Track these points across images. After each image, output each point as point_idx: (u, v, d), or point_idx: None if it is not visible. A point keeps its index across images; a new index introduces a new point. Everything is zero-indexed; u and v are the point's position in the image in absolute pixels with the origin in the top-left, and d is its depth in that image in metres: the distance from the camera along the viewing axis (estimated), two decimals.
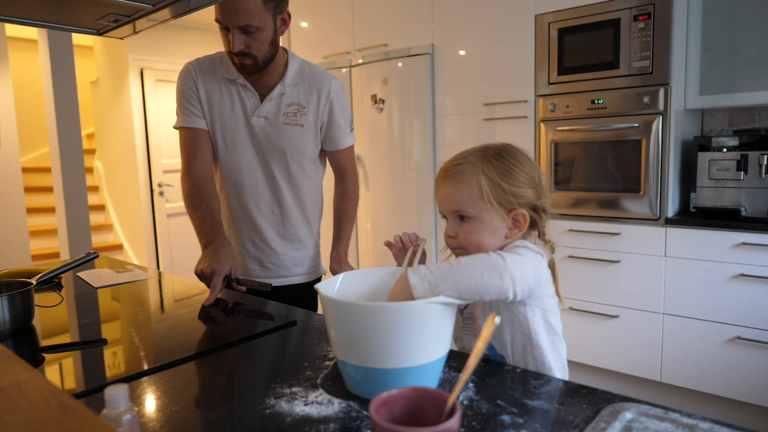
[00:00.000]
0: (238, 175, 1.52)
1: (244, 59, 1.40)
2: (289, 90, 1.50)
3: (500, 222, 0.92)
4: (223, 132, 1.50)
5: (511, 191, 0.91)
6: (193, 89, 1.49)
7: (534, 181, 0.94)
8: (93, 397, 0.83)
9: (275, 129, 1.49)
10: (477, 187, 0.91)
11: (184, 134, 1.51)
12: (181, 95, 1.51)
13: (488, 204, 0.91)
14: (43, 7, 1.32)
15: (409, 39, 3.21)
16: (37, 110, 5.31)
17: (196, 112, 1.49)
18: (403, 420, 0.62)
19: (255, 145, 1.50)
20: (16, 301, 1.13)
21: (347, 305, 0.76)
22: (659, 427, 0.67)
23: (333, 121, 1.55)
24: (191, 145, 1.50)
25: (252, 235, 1.56)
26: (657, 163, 2.45)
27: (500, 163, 0.92)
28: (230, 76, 1.49)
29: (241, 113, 1.49)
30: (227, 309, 1.31)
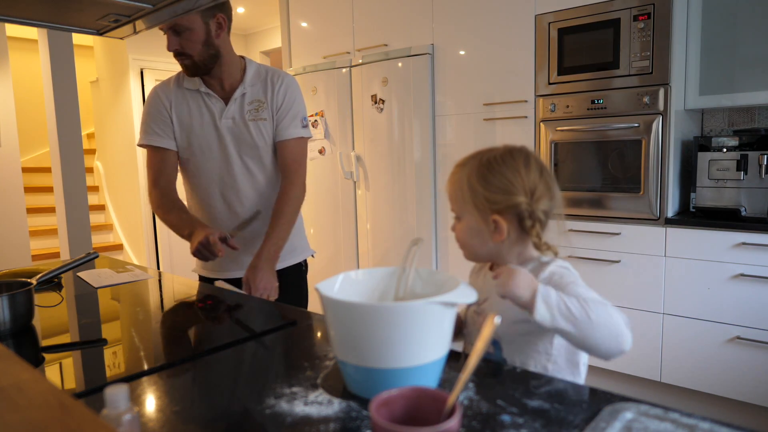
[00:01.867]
0: (219, 175, 1.61)
1: (183, 59, 1.54)
2: (249, 89, 1.62)
3: (481, 225, 0.94)
4: (199, 139, 1.60)
5: (485, 195, 0.93)
6: (161, 112, 1.60)
7: (517, 187, 0.92)
8: (93, 397, 0.83)
9: (242, 127, 1.60)
10: (461, 190, 0.95)
11: (150, 153, 1.63)
12: (148, 116, 1.62)
13: (471, 206, 0.94)
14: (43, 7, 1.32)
15: (409, 39, 3.20)
16: (37, 110, 5.31)
17: (161, 133, 1.60)
18: (403, 420, 0.62)
19: (229, 145, 1.60)
20: (17, 301, 1.13)
21: (347, 305, 0.76)
22: (659, 427, 0.67)
23: (282, 109, 1.63)
24: (158, 164, 1.62)
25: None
26: (657, 163, 2.45)
27: (484, 167, 0.94)
28: (192, 87, 1.60)
29: (209, 119, 1.60)
30: (227, 309, 1.31)
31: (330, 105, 3.55)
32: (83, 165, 3.61)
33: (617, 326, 0.80)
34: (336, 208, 3.60)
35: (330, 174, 3.60)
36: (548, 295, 0.80)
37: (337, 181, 3.58)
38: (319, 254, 3.70)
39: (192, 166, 1.63)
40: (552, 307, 0.78)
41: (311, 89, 3.64)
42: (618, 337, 0.80)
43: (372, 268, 0.96)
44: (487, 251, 0.99)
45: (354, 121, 3.45)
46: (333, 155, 3.57)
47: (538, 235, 0.93)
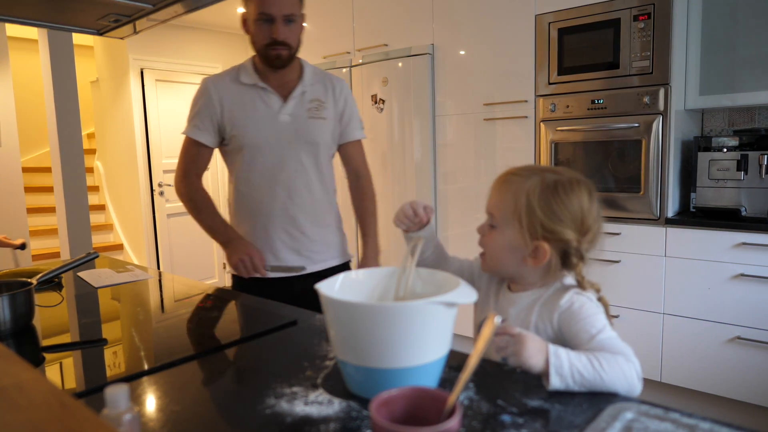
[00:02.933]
0: (272, 170, 1.58)
1: (282, 50, 1.51)
2: (309, 88, 1.61)
3: (521, 244, 0.92)
4: (254, 134, 1.56)
5: (543, 222, 0.90)
6: (209, 106, 1.56)
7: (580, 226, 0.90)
8: (93, 396, 0.83)
9: (302, 123, 1.59)
10: (514, 202, 0.92)
11: (190, 143, 1.60)
12: (196, 108, 1.58)
13: (517, 221, 0.91)
14: (44, 7, 1.32)
15: (409, 39, 3.20)
16: (38, 110, 5.31)
17: (202, 127, 1.57)
18: (403, 420, 0.62)
19: (285, 141, 1.58)
20: (17, 301, 1.13)
21: (348, 305, 0.76)
22: (659, 427, 0.67)
23: (347, 113, 1.69)
24: (192, 157, 1.60)
25: (288, 227, 1.61)
26: (657, 163, 2.45)
27: (549, 192, 0.90)
28: (250, 81, 1.57)
29: (266, 113, 1.57)
30: (227, 309, 1.31)
31: None
32: (83, 165, 3.60)
33: (628, 383, 0.80)
34: None
35: None
36: (560, 365, 0.78)
37: (336, 181, 3.57)
38: None
39: (244, 160, 1.59)
40: (566, 378, 0.78)
41: None
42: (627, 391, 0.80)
43: (372, 268, 0.96)
44: (514, 270, 0.97)
45: None
46: None
47: (581, 273, 0.91)
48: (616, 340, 0.85)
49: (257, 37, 1.52)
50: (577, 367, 0.78)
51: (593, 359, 0.80)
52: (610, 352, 0.82)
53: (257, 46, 1.53)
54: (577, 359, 0.79)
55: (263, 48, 1.52)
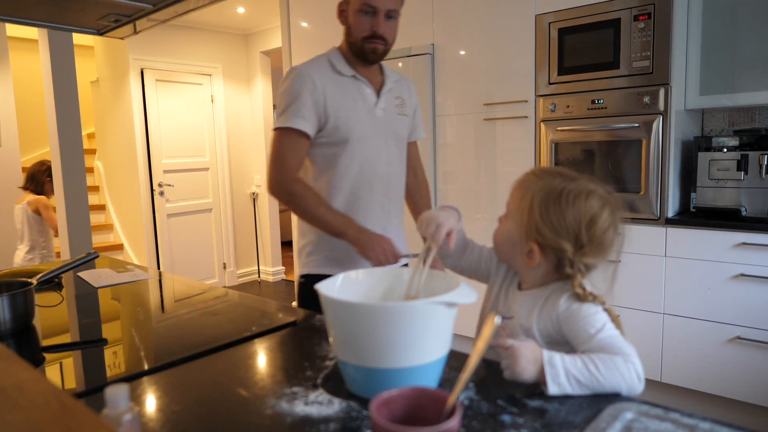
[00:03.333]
0: (372, 163, 1.53)
1: (379, 44, 1.48)
2: (393, 85, 1.60)
3: (519, 241, 0.94)
4: (354, 126, 1.50)
5: (538, 226, 0.90)
6: (314, 94, 1.46)
7: (570, 234, 0.89)
8: (93, 396, 0.83)
9: (393, 119, 1.58)
10: (520, 199, 0.93)
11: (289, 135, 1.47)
12: (295, 96, 1.46)
13: (519, 218, 0.93)
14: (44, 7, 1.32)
15: (409, 39, 3.20)
16: (38, 110, 5.31)
17: (309, 117, 1.46)
18: (403, 420, 0.62)
19: (381, 135, 1.54)
20: (17, 301, 1.13)
21: (348, 305, 0.76)
22: (659, 427, 0.67)
23: (417, 111, 1.70)
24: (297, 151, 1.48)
25: (384, 224, 1.56)
26: (657, 163, 2.45)
27: (551, 199, 0.90)
28: (348, 72, 1.52)
29: (364, 106, 1.53)
30: (227, 309, 1.31)
31: None
32: (83, 165, 3.60)
33: (627, 383, 0.80)
34: None
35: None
36: (556, 373, 0.78)
37: None
38: None
39: (344, 154, 1.50)
40: (563, 385, 0.78)
41: None
42: (628, 391, 0.80)
43: (372, 268, 0.96)
44: (514, 265, 1.00)
45: None
46: None
47: (580, 286, 0.89)
48: (616, 339, 0.85)
49: (356, 28, 1.47)
50: (573, 374, 0.78)
51: (589, 363, 0.79)
52: (609, 352, 0.82)
53: (354, 38, 1.49)
54: (572, 365, 0.79)
55: (361, 40, 1.47)
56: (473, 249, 1.12)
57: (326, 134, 1.49)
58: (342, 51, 1.55)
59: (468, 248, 1.12)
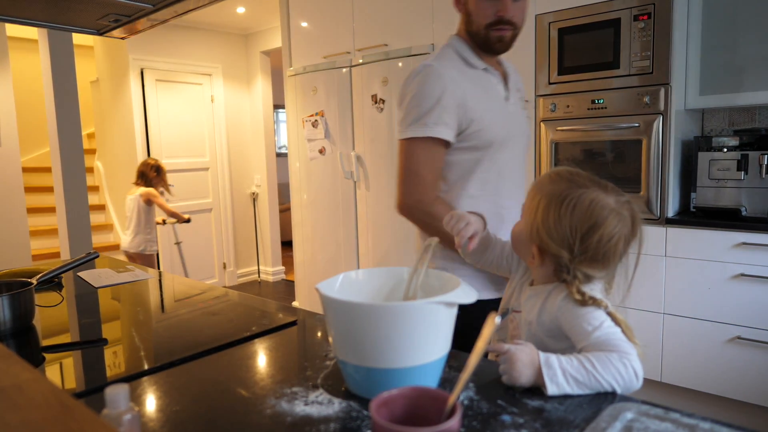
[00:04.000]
0: (512, 170, 1.34)
1: (506, 30, 1.27)
2: (513, 75, 1.40)
3: (527, 241, 0.95)
4: (498, 127, 1.30)
5: (539, 229, 0.91)
6: (454, 96, 1.25)
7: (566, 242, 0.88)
8: (93, 396, 0.83)
9: (521, 115, 1.38)
10: (532, 200, 0.94)
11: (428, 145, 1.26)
12: (434, 100, 1.24)
13: (527, 219, 0.95)
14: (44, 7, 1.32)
15: (409, 39, 3.20)
16: (38, 110, 5.31)
17: (450, 122, 1.25)
18: (403, 420, 0.62)
19: (516, 134, 1.35)
20: (17, 301, 1.13)
21: (348, 305, 0.76)
22: (659, 427, 0.67)
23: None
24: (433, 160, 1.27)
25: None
26: (657, 163, 2.45)
27: (553, 204, 0.89)
28: (478, 65, 1.32)
29: (499, 104, 1.33)
30: (227, 309, 1.31)
31: (330, 105, 3.54)
32: (83, 165, 3.60)
33: (624, 380, 0.80)
34: (336, 208, 3.60)
35: (330, 174, 3.60)
36: (554, 374, 0.78)
37: (337, 181, 3.57)
38: (319, 254, 3.70)
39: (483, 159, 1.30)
40: (562, 385, 0.78)
41: (311, 89, 3.64)
42: (625, 388, 0.80)
43: (372, 268, 0.96)
44: (525, 259, 1.03)
45: (354, 121, 3.45)
46: (333, 155, 3.57)
47: (579, 291, 0.88)
48: (614, 337, 0.85)
49: (478, 14, 1.28)
50: (570, 373, 0.79)
51: (585, 361, 0.80)
52: (606, 349, 0.82)
53: (476, 26, 1.29)
54: (569, 365, 0.79)
55: (484, 27, 1.27)
56: (495, 246, 1.15)
57: (466, 139, 1.27)
58: (465, 40, 1.34)
59: (489, 248, 1.15)
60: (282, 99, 6.61)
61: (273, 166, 5.35)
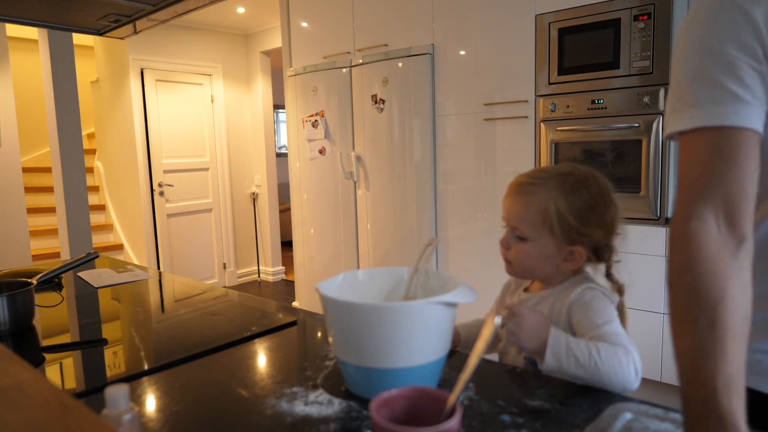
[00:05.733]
0: None
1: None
2: None
3: (556, 251, 0.90)
4: None
5: (578, 229, 0.88)
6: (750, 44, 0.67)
7: (605, 221, 0.90)
8: (93, 396, 0.83)
9: None
10: (542, 214, 0.89)
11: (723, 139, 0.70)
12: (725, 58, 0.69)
13: (548, 231, 0.89)
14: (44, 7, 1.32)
15: (409, 39, 3.20)
16: (38, 110, 5.31)
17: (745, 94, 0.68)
18: (403, 420, 0.62)
19: None
20: (17, 301, 1.13)
21: (348, 305, 0.76)
22: (659, 427, 0.67)
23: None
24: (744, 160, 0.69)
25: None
26: (657, 163, 2.45)
27: (575, 197, 0.88)
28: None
29: None
30: (227, 309, 1.31)
31: (330, 105, 3.55)
32: (83, 165, 3.61)
33: (623, 375, 0.80)
34: (336, 208, 3.60)
35: (330, 174, 3.60)
36: (558, 345, 0.79)
37: (337, 181, 3.58)
38: (319, 254, 3.70)
39: None
40: (561, 360, 0.78)
41: (311, 89, 3.64)
42: (622, 384, 0.80)
43: (373, 268, 0.96)
44: (544, 274, 0.95)
45: (354, 121, 3.45)
46: (333, 155, 3.57)
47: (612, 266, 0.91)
48: (621, 334, 0.85)
49: None
50: (573, 351, 0.79)
51: (592, 346, 0.80)
52: (611, 342, 0.83)
53: None
54: (575, 344, 0.80)
55: None
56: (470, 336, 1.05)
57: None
58: None
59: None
60: (282, 99, 6.61)
61: (273, 166, 5.35)
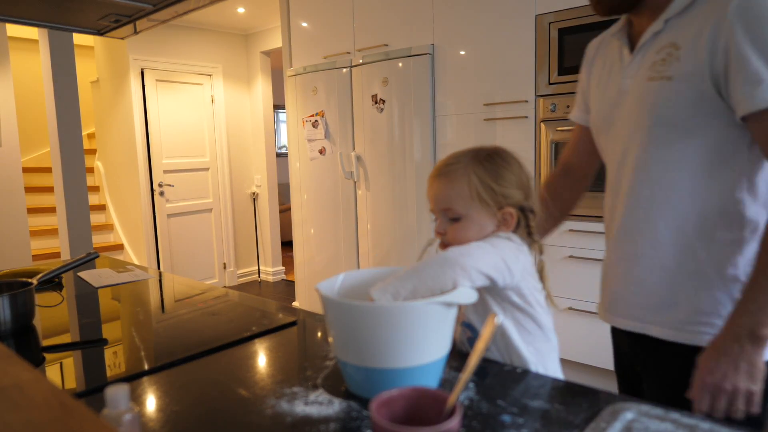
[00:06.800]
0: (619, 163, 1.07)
1: None
2: (667, 26, 0.96)
3: (489, 220, 0.95)
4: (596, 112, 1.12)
5: (501, 192, 0.94)
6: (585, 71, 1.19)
7: (522, 183, 0.96)
8: (93, 396, 0.83)
9: (638, 90, 0.99)
10: (467, 186, 0.94)
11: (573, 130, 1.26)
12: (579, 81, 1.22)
13: (477, 202, 0.94)
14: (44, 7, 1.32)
15: (409, 39, 3.20)
16: (38, 110, 5.31)
17: (580, 102, 1.21)
18: (403, 420, 0.62)
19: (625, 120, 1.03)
20: (17, 301, 1.13)
21: (348, 305, 0.76)
22: (659, 427, 0.67)
23: (736, 59, 0.86)
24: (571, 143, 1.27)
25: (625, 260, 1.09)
26: None
27: (490, 164, 0.95)
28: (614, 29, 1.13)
29: (614, 76, 1.07)
30: (227, 309, 1.31)
31: (330, 105, 3.55)
32: (83, 165, 3.61)
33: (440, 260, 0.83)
34: (336, 208, 3.60)
35: (330, 174, 3.61)
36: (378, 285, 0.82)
37: (337, 181, 3.58)
38: (319, 254, 3.70)
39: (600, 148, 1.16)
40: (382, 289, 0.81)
41: (311, 89, 3.64)
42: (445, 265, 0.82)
43: (373, 268, 0.96)
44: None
45: (354, 121, 3.45)
46: (333, 155, 3.57)
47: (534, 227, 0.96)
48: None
49: None
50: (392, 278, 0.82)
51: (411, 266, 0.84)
52: None
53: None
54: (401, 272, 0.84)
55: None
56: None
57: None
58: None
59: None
60: (282, 99, 6.61)
61: (273, 166, 5.35)
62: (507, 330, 0.92)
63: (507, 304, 0.92)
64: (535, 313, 0.93)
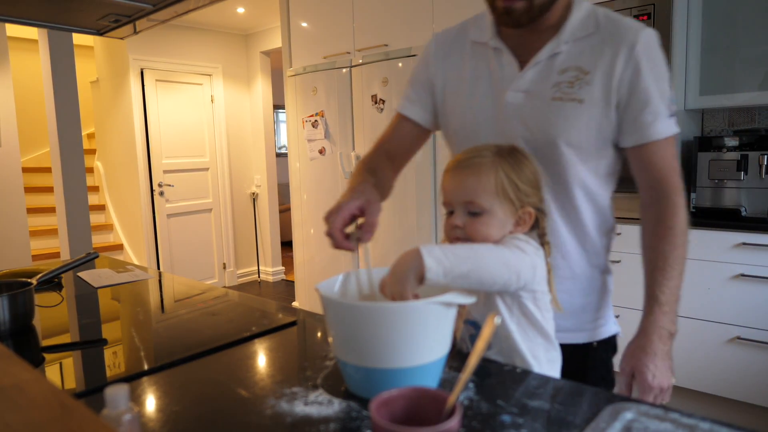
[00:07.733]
0: None
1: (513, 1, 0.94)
2: (567, 48, 1.00)
3: (509, 217, 0.93)
4: (466, 118, 1.09)
5: (524, 189, 0.93)
6: (424, 71, 1.20)
7: (538, 182, 0.96)
8: (93, 397, 0.83)
9: (540, 108, 1.01)
10: (493, 180, 0.92)
11: (395, 118, 1.29)
12: (412, 76, 1.24)
13: (501, 198, 0.92)
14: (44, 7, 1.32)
15: (409, 39, 3.20)
16: (38, 110, 5.31)
17: (415, 99, 1.22)
18: (403, 420, 0.62)
19: (508, 134, 1.03)
20: (17, 301, 1.13)
21: (348, 305, 0.76)
22: (659, 427, 0.67)
23: (638, 93, 0.98)
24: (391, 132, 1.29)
25: None
26: None
27: (514, 160, 0.94)
28: (479, 38, 1.10)
29: (488, 89, 1.06)
30: (227, 309, 1.31)
31: (330, 105, 3.54)
32: (83, 165, 3.61)
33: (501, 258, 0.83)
34: None
35: (330, 174, 3.60)
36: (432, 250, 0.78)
37: (337, 182, 3.58)
38: (319, 254, 3.70)
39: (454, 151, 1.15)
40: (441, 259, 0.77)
41: (311, 89, 3.64)
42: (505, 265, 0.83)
43: (372, 268, 0.96)
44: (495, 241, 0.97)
45: (354, 121, 3.45)
46: (333, 155, 3.57)
47: (545, 228, 0.96)
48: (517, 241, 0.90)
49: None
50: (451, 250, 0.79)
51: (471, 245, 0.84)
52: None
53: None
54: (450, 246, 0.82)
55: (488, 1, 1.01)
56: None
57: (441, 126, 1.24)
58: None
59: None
60: (282, 99, 6.61)
61: (273, 167, 5.35)
62: (512, 333, 0.91)
63: (515, 306, 0.91)
64: (542, 317, 0.92)
